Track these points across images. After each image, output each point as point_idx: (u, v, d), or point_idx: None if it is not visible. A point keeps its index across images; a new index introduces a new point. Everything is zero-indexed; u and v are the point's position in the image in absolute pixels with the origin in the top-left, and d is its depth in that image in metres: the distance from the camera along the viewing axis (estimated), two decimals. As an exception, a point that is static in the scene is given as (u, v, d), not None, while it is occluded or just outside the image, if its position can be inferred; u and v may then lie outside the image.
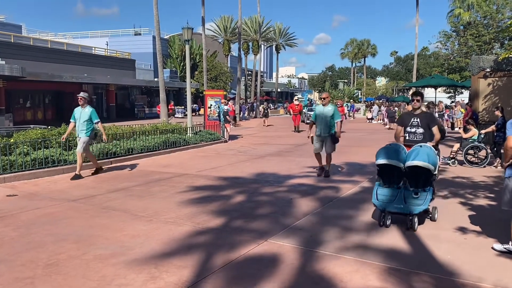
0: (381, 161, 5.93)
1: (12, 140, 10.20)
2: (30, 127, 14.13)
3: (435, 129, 6.31)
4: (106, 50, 39.19)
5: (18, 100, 28.97)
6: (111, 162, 11.49)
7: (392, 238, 5.32)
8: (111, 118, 32.22)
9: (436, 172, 5.75)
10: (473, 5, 35.71)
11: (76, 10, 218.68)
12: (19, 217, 6.34)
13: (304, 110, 31.55)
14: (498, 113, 11.03)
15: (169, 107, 20.43)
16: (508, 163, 4.74)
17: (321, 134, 9.41)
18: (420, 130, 6.35)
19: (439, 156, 6.22)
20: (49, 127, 12.64)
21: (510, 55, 14.49)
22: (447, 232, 5.57)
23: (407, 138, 6.47)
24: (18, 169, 9.42)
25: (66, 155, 10.61)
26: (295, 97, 26.15)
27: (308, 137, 9.78)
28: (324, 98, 9.59)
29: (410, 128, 6.44)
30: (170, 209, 6.76)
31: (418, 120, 6.38)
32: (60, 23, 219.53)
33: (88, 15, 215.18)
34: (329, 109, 9.37)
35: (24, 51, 27.58)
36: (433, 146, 6.13)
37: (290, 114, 24.12)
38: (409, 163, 5.71)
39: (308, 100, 42.11)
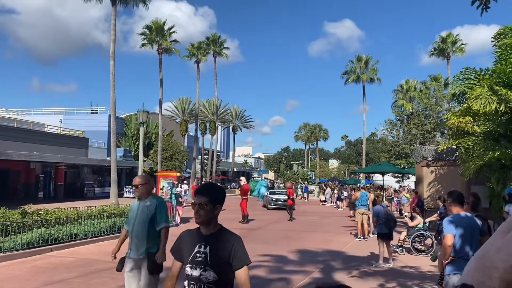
0: None
1: None
2: (-35, 209, 13.18)
3: (241, 275, 2.76)
4: (59, 128, 38.55)
5: (-43, 178, 27.35)
6: (51, 249, 10.77)
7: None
8: (59, 198, 30.83)
9: None
10: (415, 98, 38.81)
11: (32, 86, 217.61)
12: None
13: (265, 193, 30.56)
14: (440, 202, 11.54)
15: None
16: (447, 261, 4.87)
17: (133, 254, 4.97)
18: (210, 274, 2.77)
19: None
20: (-14, 210, 11.85)
21: (449, 146, 15.54)
22: (395, 331, 5.48)
23: None
24: None
25: (2, 242, 9.87)
26: (241, 178, 21.33)
27: (113, 257, 5.30)
28: (137, 186, 5.06)
29: (190, 267, 2.82)
30: (109, 307, 6.30)
31: (208, 249, 2.80)
32: (14, 99, 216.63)
33: (45, 92, 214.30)
34: (147, 205, 5.01)
35: (-31, 126, 26.62)
36: None
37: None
38: None
39: (269, 181, 42.00)
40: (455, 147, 14.79)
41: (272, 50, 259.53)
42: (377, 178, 48.55)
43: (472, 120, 11.89)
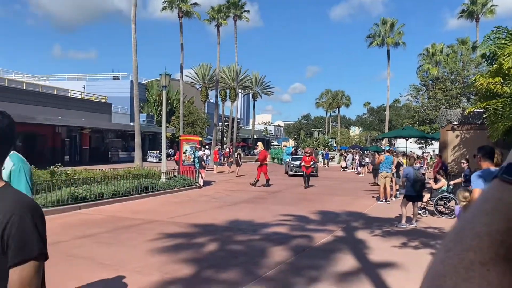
0: None
1: (-24, 183, 9.82)
2: (-3, 169, 13.66)
3: (14, 278, 1.38)
4: (83, 93, 39.08)
5: (-13, 141, 28.20)
6: (79, 207, 11.15)
7: (364, 289, 5.25)
8: (84, 162, 31.59)
9: None
10: (441, 62, 37.66)
11: (53, 53, 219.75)
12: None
13: (287, 160, 30.33)
14: (465, 165, 11.36)
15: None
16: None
17: None
18: None
19: None
20: (17, 170, 12.25)
21: (476, 109, 15.15)
22: (417, 285, 5.53)
23: None
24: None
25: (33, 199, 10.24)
26: (258, 143, 21.57)
27: None
28: None
29: None
30: (138, 258, 6.53)
31: None
32: (38, 65, 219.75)
33: (65, 58, 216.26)
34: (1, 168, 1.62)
35: (-3, 91, 27.22)
36: None
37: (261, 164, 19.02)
38: None
39: (293, 147, 41.77)
40: (482, 110, 14.41)
41: (292, 15, 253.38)
42: (399, 145, 48.01)
43: (502, 81, 11.49)
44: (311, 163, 19.28)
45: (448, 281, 0.53)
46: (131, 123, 35.80)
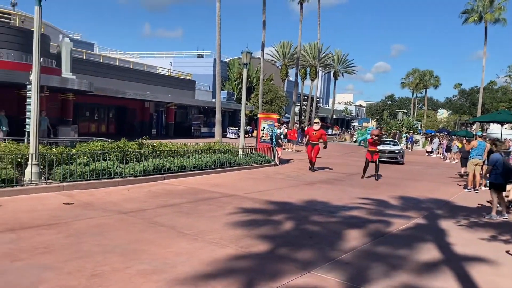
0: None
1: (74, 151, 10.75)
2: (93, 139, 14.81)
3: None
4: (170, 71, 40.81)
5: (84, 113, 30.70)
6: (163, 178, 11.77)
7: (446, 281, 4.94)
8: (169, 135, 33.30)
9: None
10: (548, 39, 33.66)
11: (144, 32, 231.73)
12: (72, 226, 6.59)
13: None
14: None
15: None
16: None
17: None
18: None
19: None
20: (109, 140, 13.19)
21: None
22: (508, 281, 5.10)
23: None
24: (76, 179, 9.87)
25: (123, 168, 10.99)
26: (316, 119, 18.72)
27: None
28: None
29: None
30: (216, 230, 6.75)
31: None
32: (130, 43, 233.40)
33: (154, 37, 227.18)
34: None
35: (94, 67, 29.34)
36: None
37: (306, 144, 16.85)
38: None
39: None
40: None
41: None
42: (492, 130, 44.34)
43: None
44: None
45: None
46: (213, 100, 36.81)
